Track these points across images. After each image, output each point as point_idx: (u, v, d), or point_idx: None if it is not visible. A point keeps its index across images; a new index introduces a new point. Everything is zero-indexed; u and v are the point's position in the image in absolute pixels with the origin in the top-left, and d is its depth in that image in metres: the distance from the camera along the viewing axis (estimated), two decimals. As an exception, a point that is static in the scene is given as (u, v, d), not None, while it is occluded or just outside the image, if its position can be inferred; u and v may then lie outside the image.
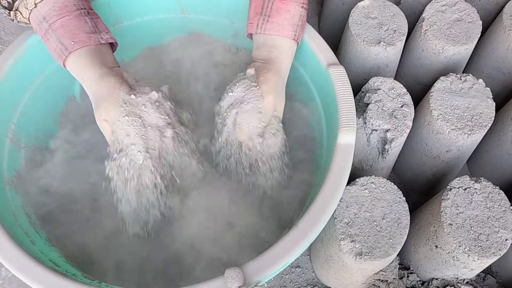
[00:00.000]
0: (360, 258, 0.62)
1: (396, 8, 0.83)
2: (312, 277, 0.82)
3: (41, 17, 0.63)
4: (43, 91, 0.73)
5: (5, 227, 0.56)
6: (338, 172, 0.60)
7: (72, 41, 0.62)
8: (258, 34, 0.69)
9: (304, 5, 0.67)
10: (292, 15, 0.67)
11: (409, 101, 0.73)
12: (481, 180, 0.68)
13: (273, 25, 0.67)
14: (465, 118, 0.73)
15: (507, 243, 0.63)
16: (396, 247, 0.63)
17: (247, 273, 0.52)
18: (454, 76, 0.76)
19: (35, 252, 0.57)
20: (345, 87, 0.66)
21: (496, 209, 0.66)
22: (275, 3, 0.67)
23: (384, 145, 0.72)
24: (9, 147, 0.68)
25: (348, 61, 0.84)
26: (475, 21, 0.82)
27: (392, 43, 0.78)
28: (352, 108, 0.65)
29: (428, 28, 0.81)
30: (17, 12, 0.63)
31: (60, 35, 0.62)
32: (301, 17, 0.67)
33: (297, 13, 0.67)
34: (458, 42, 0.79)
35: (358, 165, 0.78)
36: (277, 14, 0.67)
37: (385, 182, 0.68)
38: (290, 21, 0.67)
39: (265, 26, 0.67)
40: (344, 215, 0.65)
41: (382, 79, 0.75)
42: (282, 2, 0.66)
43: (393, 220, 0.65)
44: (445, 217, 0.65)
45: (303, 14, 0.68)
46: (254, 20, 0.68)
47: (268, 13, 0.67)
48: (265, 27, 0.67)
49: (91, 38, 0.64)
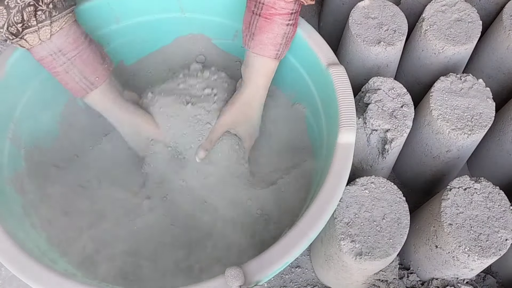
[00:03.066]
0: (360, 258, 0.62)
1: (396, 8, 0.83)
2: (312, 277, 0.82)
3: (56, 49, 0.62)
4: (43, 91, 0.73)
5: (5, 227, 0.56)
6: (338, 172, 0.60)
7: (96, 77, 0.67)
8: (247, 50, 0.70)
9: (289, 21, 0.66)
10: (275, 35, 0.66)
11: (409, 101, 0.73)
12: (481, 180, 0.68)
13: (256, 43, 0.67)
14: (465, 118, 0.73)
15: (507, 243, 0.63)
16: (396, 247, 0.63)
17: (247, 272, 0.52)
18: (454, 76, 0.76)
19: (35, 252, 0.57)
20: (345, 87, 0.66)
21: (496, 209, 0.66)
22: (260, 20, 0.66)
23: (384, 145, 0.72)
24: (9, 147, 0.68)
25: (348, 61, 0.84)
26: (475, 21, 0.82)
27: (392, 43, 0.78)
28: (352, 108, 0.65)
29: (428, 28, 0.81)
30: (22, 40, 0.60)
31: (82, 69, 0.65)
32: (285, 35, 0.67)
33: (280, 32, 0.66)
34: (458, 42, 0.79)
35: (358, 165, 0.78)
36: (260, 33, 0.66)
37: (385, 182, 0.68)
38: (273, 41, 0.66)
39: (250, 43, 0.68)
40: (344, 215, 0.65)
41: (382, 79, 0.75)
42: (266, 20, 0.65)
43: (393, 220, 0.65)
44: (445, 217, 0.65)
45: (288, 31, 0.67)
46: (244, 35, 0.69)
47: (253, 30, 0.67)
48: (249, 44, 0.68)
49: (106, 69, 0.68)
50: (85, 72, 0.65)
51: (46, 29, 0.60)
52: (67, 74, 0.65)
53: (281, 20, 0.65)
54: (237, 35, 0.82)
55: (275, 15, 0.64)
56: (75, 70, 0.64)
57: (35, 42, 0.61)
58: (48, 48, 0.62)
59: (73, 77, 0.65)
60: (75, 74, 0.65)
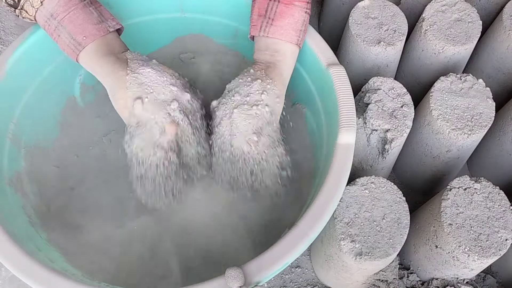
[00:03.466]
0: (360, 258, 0.62)
1: (396, 8, 0.83)
2: (312, 277, 0.82)
3: (48, 14, 0.63)
4: (43, 91, 0.73)
5: (5, 227, 0.56)
6: (338, 172, 0.60)
7: (84, 36, 0.63)
8: (261, 37, 0.68)
9: (307, 10, 0.67)
10: (296, 20, 0.66)
11: (409, 101, 0.73)
12: (481, 180, 0.68)
13: (277, 28, 0.66)
14: (465, 118, 0.73)
15: (507, 243, 0.63)
16: (396, 247, 0.63)
17: (247, 272, 0.52)
18: (454, 76, 0.76)
19: (35, 252, 0.57)
20: (345, 87, 0.66)
21: (496, 209, 0.66)
22: (280, 6, 0.66)
23: (384, 145, 0.72)
24: (9, 147, 0.68)
25: (348, 61, 0.84)
26: (475, 21, 0.82)
27: (392, 43, 0.78)
28: (352, 108, 0.65)
29: (428, 28, 0.81)
30: (22, 11, 0.63)
31: (71, 30, 0.63)
32: (304, 22, 0.67)
33: (300, 18, 0.66)
34: (458, 42, 0.79)
35: (358, 165, 0.78)
36: (281, 18, 0.66)
37: (385, 182, 0.68)
38: (294, 26, 0.66)
39: (268, 29, 0.67)
40: (344, 215, 0.65)
41: (382, 79, 0.75)
42: (287, 6, 0.66)
43: (393, 220, 0.65)
44: (445, 217, 0.65)
45: (306, 19, 0.67)
46: (258, 23, 0.67)
47: (272, 16, 0.66)
48: (268, 30, 0.67)
49: (100, 29, 0.64)
50: (74, 33, 0.63)
51: None
52: (60, 37, 0.63)
53: (300, 5, 0.66)
54: (237, 35, 0.82)
55: (295, 1, 0.65)
56: (64, 32, 0.63)
57: (32, 11, 0.62)
58: (43, 14, 0.63)
59: (64, 40, 0.63)
60: (65, 36, 0.63)
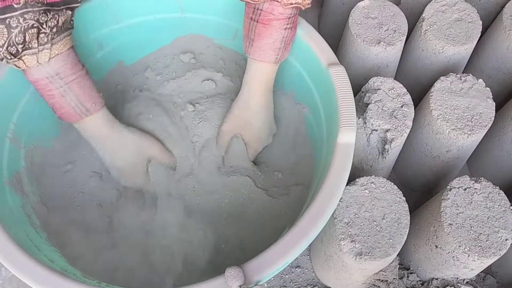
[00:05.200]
0: (360, 258, 0.62)
1: (396, 8, 0.83)
2: (312, 277, 0.82)
3: (53, 72, 0.62)
4: (43, 91, 0.73)
5: (5, 227, 0.56)
6: (338, 172, 0.60)
7: (93, 103, 0.66)
8: (247, 55, 0.70)
9: (287, 25, 0.65)
10: (274, 40, 0.66)
11: (409, 101, 0.73)
12: (481, 180, 0.68)
13: (255, 49, 0.68)
14: (465, 118, 0.73)
15: (507, 243, 0.63)
16: (396, 247, 0.63)
17: (247, 272, 0.52)
18: (454, 76, 0.76)
19: (35, 252, 0.57)
20: (345, 87, 0.66)
21: (496, 209, 0.66)
22: (258, 26, 0.66)
23: (384, 145, 0.72)
24: (9, 147, 0.68)
25: (348, 61, 0.84)
26: (475, 21, 0.82)
27: (392, 43, 0.78)
28: (352, 108, 0.65)
29: (428, 28, 0.81)
30: (19, 61, 0.59)
31: (79, 95, 0.65)
32: (283, 39, 0.67)
33: (279, 37, 0.66)
34: (458, 42, 0.79)
35: (358, 165, 0.78)
36: (259, 39, 0.66)
37: (385, 182, 0.68)
38: (272, 46, 0.67)
39: (249, 49, 0.68)
40: (344, 215, 0.65)
41: (382, 79, 0.75)
42: (264, 26, 0.65)
43: (393, 220, 0.65)
44: (445, 217, 0.65)
45: (287, 35, 0.67)
46: (244, 42, 0.69)
47: (252, 36, 0.67)
48: (249, 51, 0.69)
49: (101, 98, 0.68)
50: (82, 98, 0.65)
51: (46, 52, 0.59)
52: (63, 98, 0.64)
53: (279, 24, 0.65)
54: (237, 35, 0.82)
55: (273, 21, 0.64)
56: (71, 94, 0.64)
57: (32, 64, 0.60)
58: (45, 71, 0.61)
59: (69, 102, 0.64)
60: (72, 99, 0.64)
